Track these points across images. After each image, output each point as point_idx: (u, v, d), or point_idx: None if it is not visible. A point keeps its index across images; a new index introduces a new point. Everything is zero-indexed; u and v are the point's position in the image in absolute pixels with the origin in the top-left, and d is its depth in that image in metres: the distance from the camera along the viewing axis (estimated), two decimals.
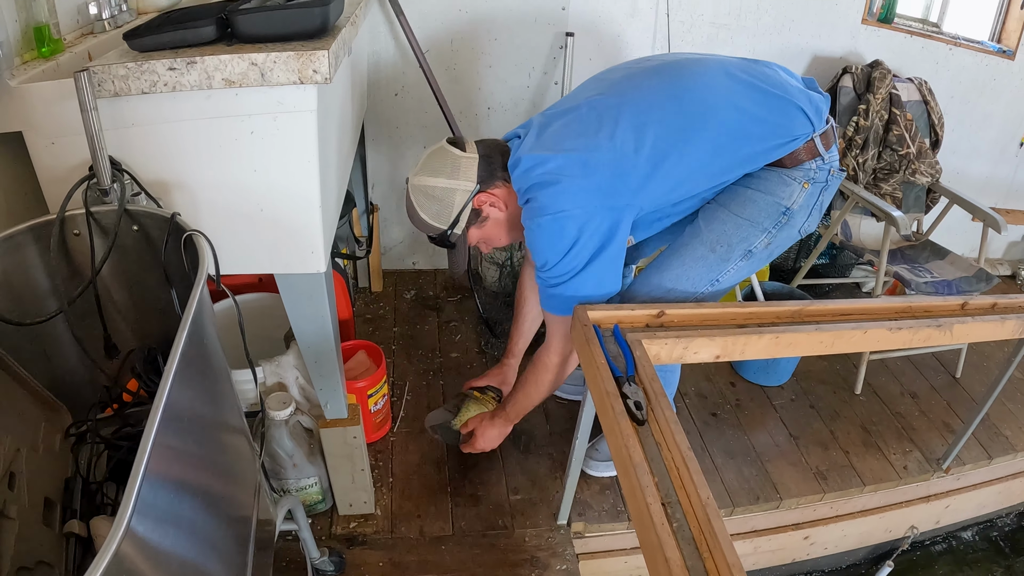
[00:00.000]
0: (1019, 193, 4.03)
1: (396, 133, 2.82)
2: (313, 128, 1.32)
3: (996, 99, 3.63)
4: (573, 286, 1.62)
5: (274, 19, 1.27)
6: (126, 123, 1.25)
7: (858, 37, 3.18)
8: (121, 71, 1.18)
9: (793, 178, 1.69)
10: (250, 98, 1.26)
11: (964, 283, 2.72)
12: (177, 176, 1.33)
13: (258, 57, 1.20)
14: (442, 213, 1.72)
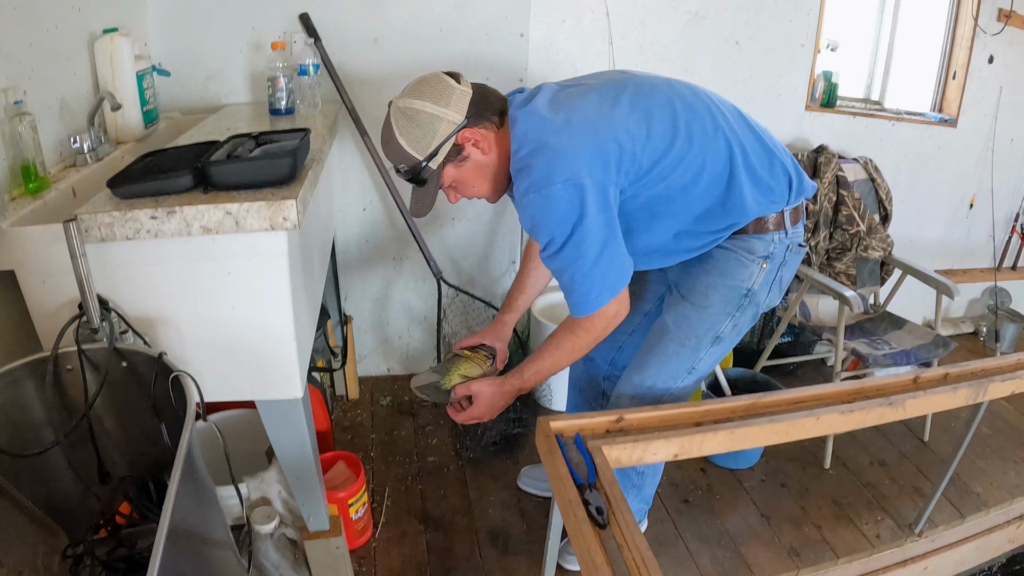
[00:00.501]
0: (974, 252, 4.23)
1: (365, 246, 2.96)
2: (285, 269, 1.45)
3: (942, 166, 3.85)
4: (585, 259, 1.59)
5: (245, 170, 1.42)
6: (112, 264, 1.38)
7: (803, 124, 3.39)
8: (107, 219, 1.30)
9: (751, 259, 1.77)
10: (226, 243, 1.39)
11: (922, 351, 2.86)
12: (161, 312, 1.45)
13: (232, 207, 1.33)
14: (421, 141, 1.60)
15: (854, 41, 3.68)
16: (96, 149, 1.88)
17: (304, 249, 1.73)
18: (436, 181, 1.66)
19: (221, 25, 2.59)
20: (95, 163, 1.85)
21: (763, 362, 3.15)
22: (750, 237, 1.78)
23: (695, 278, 1.84)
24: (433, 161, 1.61)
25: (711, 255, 1.81)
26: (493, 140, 1.66)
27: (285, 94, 2.32)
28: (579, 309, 1.66)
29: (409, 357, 3.18)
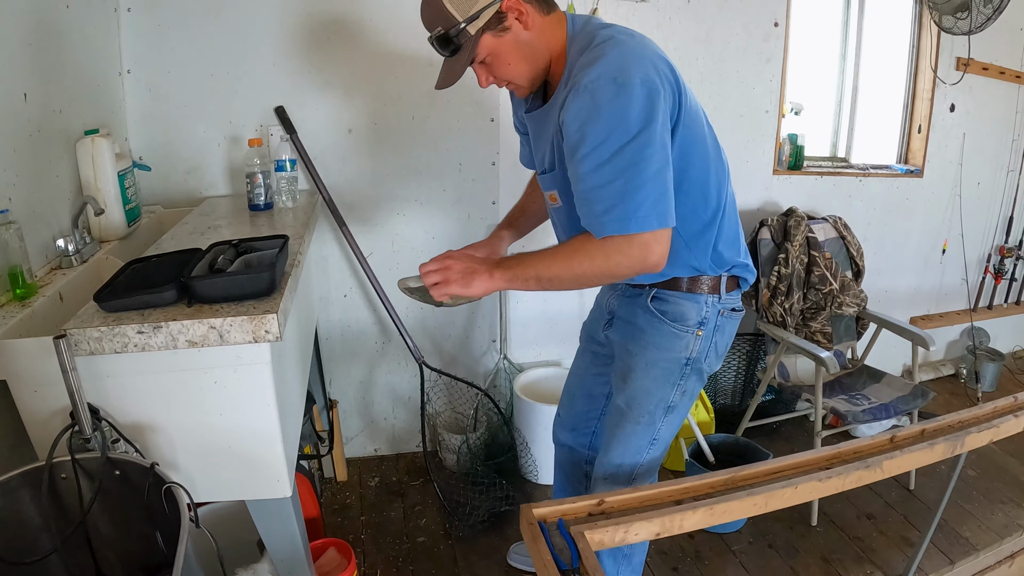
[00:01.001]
0: (949, 296, 4.35)
1: (348, 332, 3.04)
2: (269, 377, 1.53)
3: (911, 216, 3.99)
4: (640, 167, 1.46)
5: (227, 285, 1.49)
6: (102, 375, 1.44)
7: (772, 187, 3.52)
8: (95, 334, 1.36)
9: (685, 328, 1.79)
10: (212, 355, 1.46)
11: (901, 403, 2.94)
12: (152, 420, 1.51)
13: (216, 321, 1.40)
14: (465, 1, 1.51)
15: (818, 101, 3.83)
16: (81, 251, 1.95)
17: (288, 349, 1.80)
18: (471, 49, 1.56)
19: (199, 119, 2.70)
20: (80, 265, 1.92)
21: (745, 424, 3.23)
22: (682, 298, 1.79)
23: (634, 357, 1.86)
24: (472, 25, 1.52)
25: (644, 330, 1.84)
26: (537, 19, 1.58)
27: (263, 190, 2.41)
28: (618, 224, 1.48)
29: (395, 438, 3.23)
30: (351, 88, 2.78)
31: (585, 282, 1.60)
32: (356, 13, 2.72)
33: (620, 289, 1.93)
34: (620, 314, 1.92)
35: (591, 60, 1.49)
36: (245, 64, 2.68)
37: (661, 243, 1.51)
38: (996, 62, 4.02)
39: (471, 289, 1.63)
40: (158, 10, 2.57)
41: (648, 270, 1.53)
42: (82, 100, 2.24)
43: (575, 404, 2.18)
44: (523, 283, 1.63)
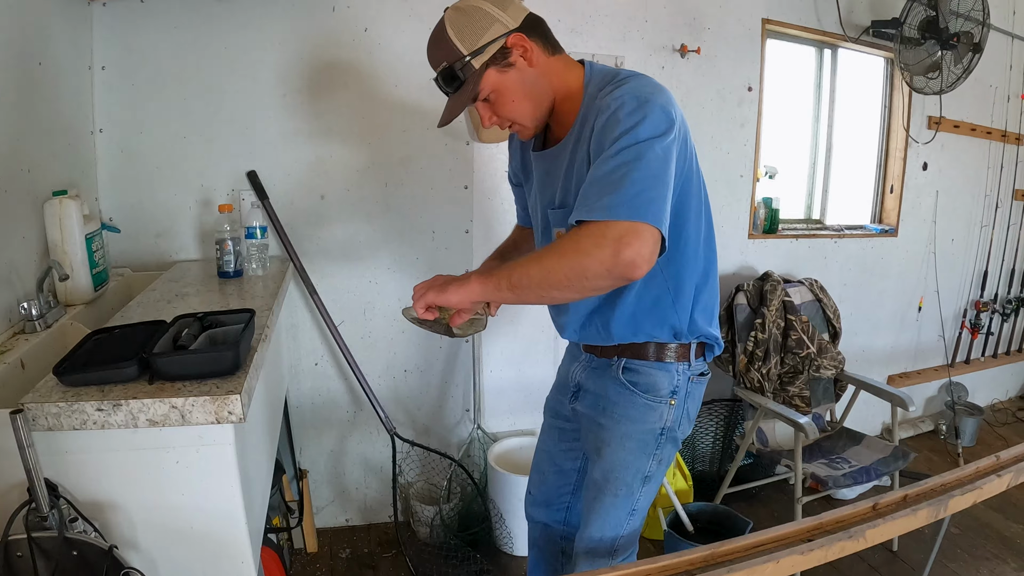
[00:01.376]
0: (926, 353, 4.39)
1: (318, 400, 3.00)
2: (233, 458, 1.49)
3: (887, 275, 4.04)
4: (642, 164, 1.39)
5: (190, 363, 1.46)
6: (61, 450, 1.40)
7: (747, 252, 3.55)
8: (53, 409, 1.33)
9: (658, 399, 1.77)
10: (173, 434, 1.42)
11: (881, 465, 2.93)
12: (111, 498, 1.46)
13: (178, 401, 1.37)
14: (471, 35, 1.54)
15: (792, 164, 3.88)
16: (45, 315, 1.91)
17: (254, 424, 1.77)
18: (475, 83, 1.57)
19: (170, 182, 2.68)
20: (44, 330, 1.89)
21: (724, 490, 3.20)
22: (653, 368, 1.77)
23: (607, 430, 1.83)
24: (477, 60, 1.55)
25: (616, 403, 1.80)
26: (542, 58, 1.61)
27: (233, 257, 2.39)
28: (601, 212, 1.37)
29: (367, 508, 3.17)
30: (324, 154, 2.79)
31: (554, 284, 1.41)
32: (330, 81, 2.74)
33: (585, 360, 1.90)
34: (588, 387, 1.89)
35: (617, 85, 1.52)
36: (218, 128, 2.68)
37: (642, 240, 1.34)
38: (967, 119, 4.13)
39: (446, 294, 1.56)
40: (132, 70, 2.58)
41: (620, 270, 1.35)
42: (52, 159, 2.22)
43: (546, 480, 2.14)
44: (496, 290, 1.51)
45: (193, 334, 1.62)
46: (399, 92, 2.80)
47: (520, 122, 1.66)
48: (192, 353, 1.49)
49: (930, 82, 3.55)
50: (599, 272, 1.36)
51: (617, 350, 1.79)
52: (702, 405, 3.31)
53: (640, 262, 1.34)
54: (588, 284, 1.39)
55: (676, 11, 3.16)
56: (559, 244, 1.43)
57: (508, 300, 1.52)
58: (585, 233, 1.38)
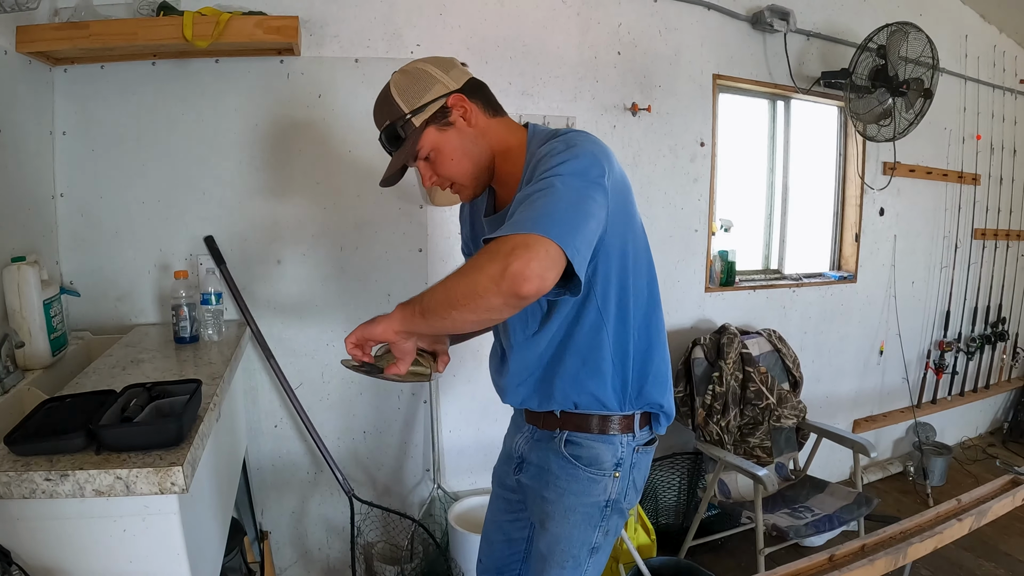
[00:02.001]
0: (891, 395, 4.48)
1: (279, 462, 3.01)
2: (178, 527, 1.52)
3: (847, 321, 4.13)
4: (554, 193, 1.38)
5: (134, 434, 1.50)
6: (13, 518, 1.43)
7: (704, 305, 3.62)
8: (3, 478, 1.37)
9: (601, 473, 1.74)
10: (119, 504, 1.45)
11: (845, 512, 2.98)
12: (62, 565, 1.49)
13: (122, 472, 1.40)
14: (412, 94, 1.60)
15: (748, 215, 3.97)
16: (3, 380, 1.95)
17: (203, 492, 1.80)
18: (415, 141, 1.61)
19: (129, 247, 2.72)
20: (1, 396, 1.91)
21: (688, 543, 3.23)
22: (596, 441, 1.75)
23: (550, 503, 1.80)
24: (417, 117, 1.60)
25: (558, 476, 1.78)
26: (481, 119, 1.66)
27: (189, 323, 2.42)
28: (515, 227, 1.32)
29: (330, 569, 3.17)
30: (280, 218, 2.85)
31: (453, 303, 1.36)
32: (286, 147, 2.81)
33: (528, 432, 1.90)
34: (531, 459, 1.88)
35: (554, 136, 1.58)
36: (176, 193, 2.73)
37: (532, 252, 1.28)
38: (923, 162, 4.27)
39: (373, 327, 1.53)
40: (92, 136, 2.64)
41: (507, 283, 1.27)
42: (12, 224, 2.27)
43: (494, 549, 2.13)
44: (412, 316, 1.46)
45: (140, 405, 1.66)
46: (353, 156, 2.87)
47: (460, 181, 1.70)
48: (136, 425, 1.53)
49: (882, 129, 3.66)
50: (488, 286, 1.30)
51: (559, 422, 1.78)
52: (664, 458, 3.38)
53: (529, 275, 1.26)
54: (482, 303, 1.32)
55: (626, 70, 3.26)
56: (463, 264, 1.43)
57: (421, 328, 1.47)
58: (484, 250, 1.35)
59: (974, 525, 2.21)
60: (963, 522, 2.16)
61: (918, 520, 2.17)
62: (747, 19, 3.52)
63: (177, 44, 2.44)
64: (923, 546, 2.05)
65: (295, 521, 3.08)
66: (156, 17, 2.46)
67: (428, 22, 2.91)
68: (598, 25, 3.17)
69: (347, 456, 3.05)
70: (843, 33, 3.81)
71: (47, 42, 2.36)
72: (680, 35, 3.36)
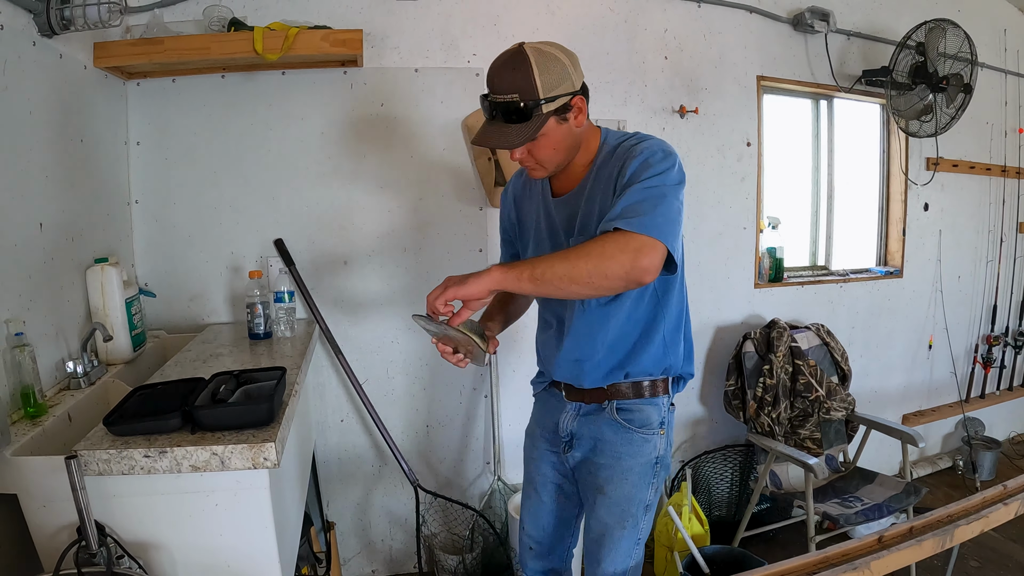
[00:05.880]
0: (939, 390, 4.46)
1: (344, 455, 3.12)
2: (268, 502, 1.63)
3: (894, 315, 4.13)
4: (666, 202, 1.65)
5: (228, 414, 1.61)
6: (109, 494, 1.54)
7: (754, 301, 3.66)
8: (104, 456, 1.47)
9: (651, 432, 1.93)
10: (213, 479, 1.57)
11: (894, 502, 3.01)
12: (155, 538, 1.60)
13: (218, 448, 1.51)
14: (548, 81, 1.67)
15: (795, 212, 4.01)
16: (89, 373, 2.08)
17: (286, 474, 1.90)
18: (538, 127, 1.69)
19: (202, 250, 2.86)
20: (88, 387, 2.05)
21: (741, 534, 3.26)
22: (644, 404, 1.94)
23: (608, 469, 1.96)
24: (547, 106, 1.68)
25: (614, 442, 1.94)
26: (585, 121, 1.80)
27: (263, 320, 2.54)
28: (628, 223, 1.60)
29: (392, 560, 3.26)
30: (346, 222, 2.96)
31: (576, 279, 1.58)
32: (349, 153, 2.93)
33: (572, 409, 2.02)
34: (582, 433, 2.01)
35: (640, 140, 1.79)
36: (245, 198, 2.86)
37: (656, 256, 1.59)
38: (965, 157, 4.24)
39: (466, 286, 1.63)
40: (165, 145, 2.78)
41: (636, 274, 1.57)
42: (93, 229, 2.40)
43: (548, 530, 2.21)
44: (517, 280, 1.62)
45: (230, 389, 1.77)
46: (415, 161, 2.98)
47: (545, 166, 1.82)
48: (230, 406, 1.65)
49: (924, 125, 3.68)
50: (618, 273, 1.57)
51: (606, 393, 1.95)
52: (716, 451, 3.45)
53: (652, 271, 1.59)
54: (605, 284, 1.59)
55: (673, 74, 3.33)
56: (586, 246, 1.61)
57: (526, 290, 1.63)
58: (611, 240, 1.59)
59: (1020, 510, 2.19)
60: (1009, 506, 2.13)
61: (965, 504, 2.15)
62: (788, 21, 3.56)
63: (247, 58, 2.57)
64: (970, 528, 2.04)
65: (359, 513, 3.18)
66: (228, 32, 2.59)
67: (483, 32, 3.01)
68: (645, 31, 3.25)
69: (411, 449, 3.15)
70: (882, 32, 3.83)
71: (123, 57, 2.49)
72: (724, 38, 3.42)
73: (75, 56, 2.31)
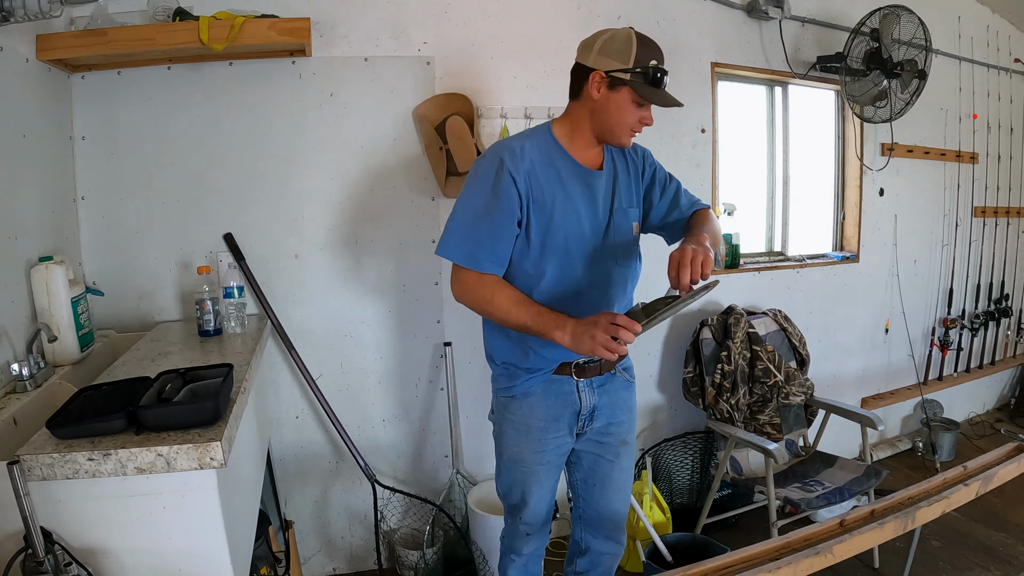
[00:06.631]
0: (898, 374, 4.54)
1: (301, 452, 3.09)
2: (216, 502, 1.61)
3: (851, 300, 4.20)
4: None
5: (173, 414, 1.59)
6: (55, 499, 1.50)
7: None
8: (47, 460, 1.44)
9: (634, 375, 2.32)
10: (160, 481, 1.54)
11: (855, 485, 3.05)
12: (103, 544, 1.57)
13: (163, 449, 1.49)
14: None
15: (751, 199, 4.05)
16: (35, 375, 2.03)
17: (237, 473, 1.87)
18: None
19: (150, 246, 2.81)
20: (34, 390, 2.00)
21: (703, 520, 3.28)
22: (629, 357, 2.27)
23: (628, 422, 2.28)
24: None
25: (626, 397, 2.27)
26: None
27: (212, 316, 2.51)
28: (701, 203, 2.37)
29: (353, 556, 3.25)
30: (296, 215, 2.93)
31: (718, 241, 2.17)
32: (299, 144, 2.90)
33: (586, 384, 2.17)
34: (602, 403, 2.20)
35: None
36: (194, 192, 2.81)
37: None
38: (921, 143, 4.32)
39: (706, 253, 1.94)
40: (111, 139, 2.72)
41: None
42: (37, 226, 2.35)
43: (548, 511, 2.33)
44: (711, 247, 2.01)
45: (176, 388, 1.75)
46: (365, 152, 2.96)
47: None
48: (175, 405, 1.63)
49: (878, 111, 3.73)
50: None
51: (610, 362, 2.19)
52: (676, 438, 3.49)
53: None
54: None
55: None
56: (708, 215, 2.27)
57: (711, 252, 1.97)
58: (709, 212, 2.30)
59: (981, 490, 2.21)
60: (970, 487, 2.16)
61: (926, 486, 2.16)
62: (743, 8, 3.59)
63: (193, 48, 2.53)
64: (931, 510, 2.05)
65: (318, 510, 3.16)
66: (173, 22, 2.54)
67: (434, 20, 2.99)
68: (598, 18, 3.24)
69: (367, 444, 3.12)
70: (837, 18, 3.88)
71: (66, 49, 2.43)
72: (678, 25, 3.43)
73: (16, 49, 2.26)
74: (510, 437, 2.24)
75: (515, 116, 3.13)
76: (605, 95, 2.02)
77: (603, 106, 2.04)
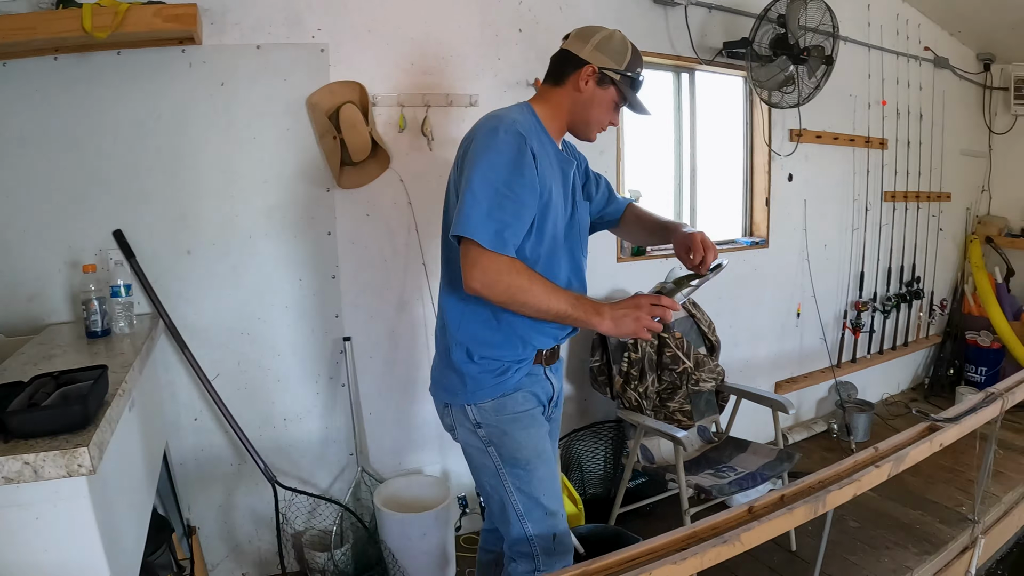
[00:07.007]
0: (811, 357, 4.66)
1: (202, 455, 3.02)
2: (89, 511, 1.56)
3: (762, 285, 4.29)
4: None
5: (40, 419, 1.53)
6: None
7: (617, 275, 3.72)
8: None
9: None
10: (30, 490, 1.48)
11: (767, 469, 3.09)
12: None
13: (29, 457, 1.44)
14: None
15: (658, 185, 4.09)
16: None
17: (119, 480, 1.83)
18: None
19: (39, 245, 2.70)
20: None
21: (616, 510, 3.30)
22: None
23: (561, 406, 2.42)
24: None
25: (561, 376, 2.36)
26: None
27: (100, 316, 2.43)
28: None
29: (262, 561, 3.19)
30: (187, 209, 2.86)
31: None
32: (190, 135, 2.83)
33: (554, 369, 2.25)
34: (559, 384, 2.31)
35: None
36: (82, 188, 2.72)
37: None
38: (830, 129, 4.43)
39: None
40: None
41: None
42: None
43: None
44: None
45: (47, 392, 1.68)
46: (258, 144, 2.90)
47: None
48: (42, 410, 1.56)
49: (785, 96, 3.79)
50: None
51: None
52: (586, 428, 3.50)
53: None
54: None
55: (528, 47, 3.34)
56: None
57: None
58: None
59: (893, 471, 2.24)
60: (881, 468, 2.19)
61: (836, 469, 2.19)
62: None
63: (78, 37, 2.44)
64: (842, 493, 2.08)
65: (223, 515, 3.10)
66: (55, 10, 2.45)
67: (328, 6, 2.94)
68: (499, 4, 3.25)
69: (269, 444, 3.07)
70: (744, 5, 3.94)
71: None
72: (581, 11, 3.44)
73: None
74: (521, 437, 2.09)
75: (412, 104, 3.10)
76: (592, 89, 2.05)
77: (588, 99, 2.07)
